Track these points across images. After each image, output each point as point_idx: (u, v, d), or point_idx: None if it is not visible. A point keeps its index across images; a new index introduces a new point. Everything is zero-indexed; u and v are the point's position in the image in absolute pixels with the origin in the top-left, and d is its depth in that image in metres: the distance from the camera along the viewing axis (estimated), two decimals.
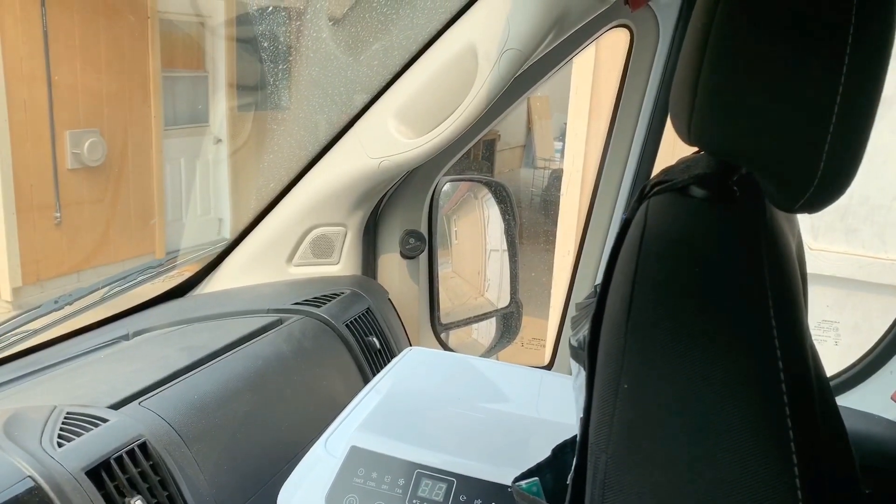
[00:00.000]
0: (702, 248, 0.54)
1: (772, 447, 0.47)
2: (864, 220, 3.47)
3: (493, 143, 9.14)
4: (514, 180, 9.01)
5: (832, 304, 3.48)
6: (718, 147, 0.57)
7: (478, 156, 9.07)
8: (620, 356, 0.52)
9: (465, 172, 4.87)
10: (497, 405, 0.98)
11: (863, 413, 1.30)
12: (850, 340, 3.15)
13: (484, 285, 2.06)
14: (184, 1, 5.06)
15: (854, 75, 0.51)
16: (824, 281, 3.56)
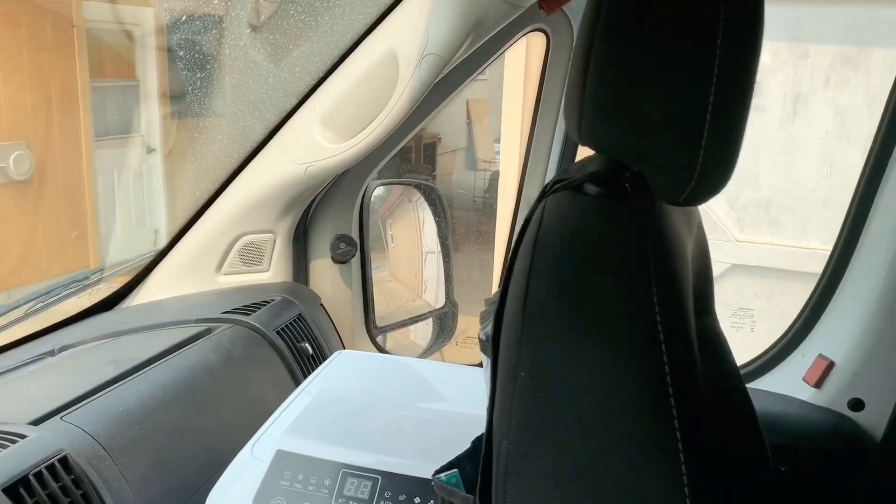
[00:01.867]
0: (592, 242, 0.57)
1: (657, 426, 0.51)
2: (787, 211, 3.61)
3: (434, 146, 9.18)
4: (456, 183, 9.06)
5: (759, 293, 3.62)
6: (605, 146, 0.60)
7: (419, 159, 9.09)
8: (518, 346, 0.54)
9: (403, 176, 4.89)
10: (424, 403, 1.00)
11: (778, 395, 1.37)
12: (779, 327, 3.28)
13: (421, 287, 2.07)
14: (110, 9, 4.95)
15: (724, 78, 0.55)
16: (752, 271, 3.70)
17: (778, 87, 3.55)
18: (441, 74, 1.31)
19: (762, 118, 3.59)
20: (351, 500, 0.82)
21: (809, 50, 3.46)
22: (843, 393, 1.31)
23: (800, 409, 1.34)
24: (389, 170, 1.70)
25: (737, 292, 3.74)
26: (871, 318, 1.28)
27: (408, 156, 9.09)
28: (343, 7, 1.24)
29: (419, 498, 0.81)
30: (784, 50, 3.50)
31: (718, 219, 3.75)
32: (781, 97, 3.55)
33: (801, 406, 1.34)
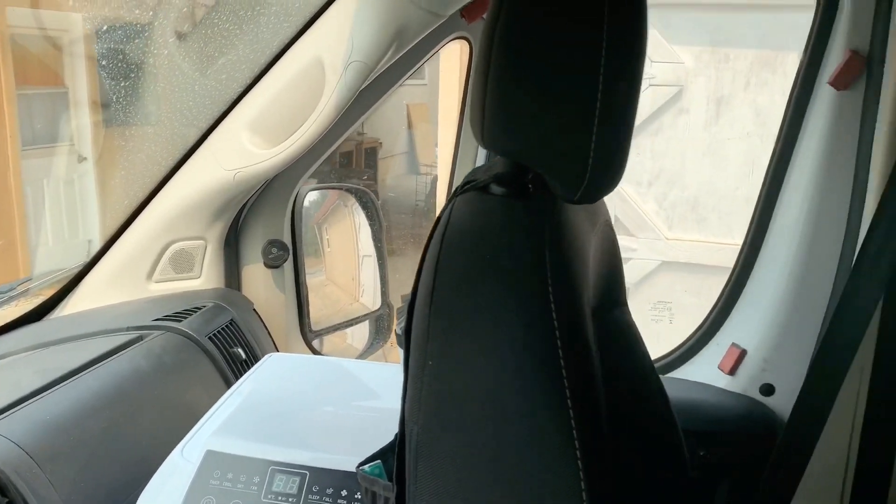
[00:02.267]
0: (493, 238, 0.61)
1: (551, 410, 0.55)
2: (713, 209, 3.76)
3: (375, 151, 9.18)
4: (398, 187, 9.08)
5: (689, 287, 3.76)
6: (506, 150, 0.65)
7: (360, 164, 9.08)
8: (426, 337, 0.58)
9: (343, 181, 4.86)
10: (352, 401, 1.03)
11: (696, 383, 1.44)
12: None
13: (359, 291, 2.09)
14: (36, 16, 4.83)
15: (609, 86, 0.59)
16: (681, 267, 3.83)
17: (701, 91, 3.69)
18: (367, 80, 1.34)
19: (687, 120, 3.73)
20: (280, 495, 0.84)
21: (730, 54, 3.61)
22: (756, 379, 1.39)
23: (716, 396, 1.41)
24: (329, 175, 1.72)
25: (668, 288, 3.87)
26: (778, 307, 1.36)
27: (348, 161, 9.08)
28: (268, 16, 1.26)
29: (346, 490, 0.84)
30: (706, 54, 3.65)
31: (649, 218, 3.88)
32: (705, 100, 3.69)
33: (717, 393, 1.42)
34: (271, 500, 0.84)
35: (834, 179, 1.28)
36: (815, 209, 1.30)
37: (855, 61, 1.22)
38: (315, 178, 1.78)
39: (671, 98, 3.74)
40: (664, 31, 3.68)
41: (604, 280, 0.93)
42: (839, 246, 1.29)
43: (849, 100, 1.25)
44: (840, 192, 1.28)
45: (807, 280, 1.32)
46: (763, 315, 1.39)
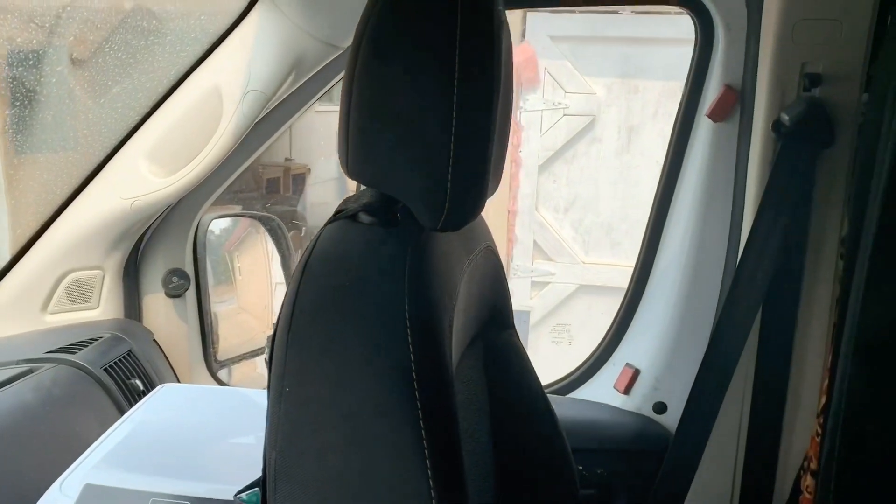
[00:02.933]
0: (353, 265, 0.63)
1: (404, 435, 0.57)
2: (626, 234, 3.88)
3: (304, 178, 9.11)
4: (327, 213, 9.02)
5: (606, 310, 3.85)
6: (369, 180, 0.67)
7: (288, 190, 8.99)
8: (283, 364, 0.59)
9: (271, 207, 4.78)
10: (241, 430, 1.02)
11: (594, 403, 1.49)
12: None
13: (272, 319, 2.07)
14: None
15: (463, 122, 0.62)
16: (598, 291, 3.93)
17: (613, 120, 3.83)
18: (266, 109, 1.35)
19: (600, 148, 3.86)
20: None
21: (639, 85, 3.77)
22: (649, 398, 1.44)
23: (612, 416, 1.46)
24: (254, 201, 1.71)
25: (585, 311, 3.97)
26: (667, 328, 1.42)
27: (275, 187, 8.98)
28: (163, 45, 1.26)
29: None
30: (617, 85, 3.79)
31: (566, 243, 3.98)
32: (616, 129, 3.83)
33: (613, 412, 1.46)
34: None
35: (714, 205, 1.35)
36: (697, 234, 1.37)
37: (729, 95, 1.30)
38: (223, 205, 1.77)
39: (585, 127, 3.87)
40: (577, 63, 3.81)
41: (488, 304, 0.95)
42: (721, 268, 1.37)
43: (725, 131, 1.33)
44: (720, 217, 1.35)
45: (692, 301, 1.39)
46: (654, 336, 1.45)
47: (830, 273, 1.26)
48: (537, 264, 4.00)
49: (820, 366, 1.30)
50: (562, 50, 3.77)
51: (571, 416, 1.42)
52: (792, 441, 1.33)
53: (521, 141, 3.90)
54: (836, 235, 1.24)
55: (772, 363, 1.31)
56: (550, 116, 3.86)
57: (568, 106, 3.83)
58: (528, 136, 3.90)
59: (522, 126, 3.88)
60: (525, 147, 3.91)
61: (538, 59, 3.80)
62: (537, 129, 3.89)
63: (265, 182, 7.65)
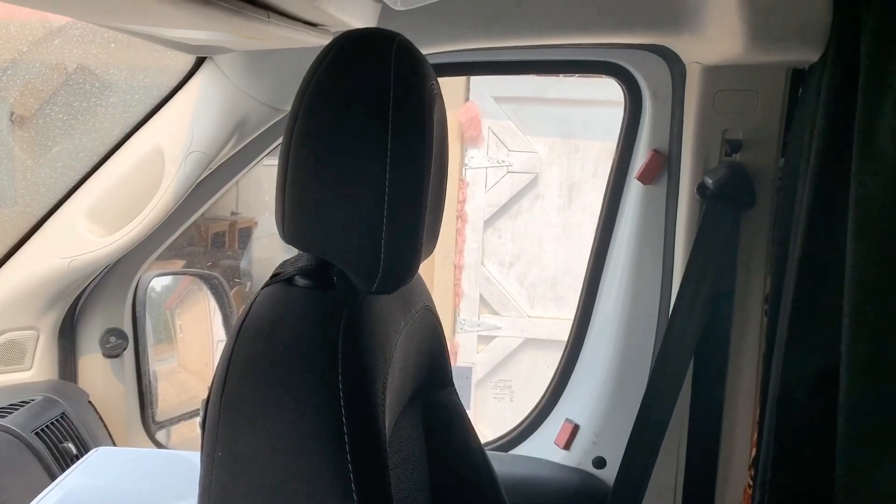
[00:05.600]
0: (287, 328, 0.65)
1: (338, 494, 0.58)
2: (569, 288, 3.95)
3: (251, 231, 9.04)
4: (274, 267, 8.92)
5: (551, 363, 3.89)
6: (306, 245, 0.69)
7: (234, 244, 8.89)
8: (216, 428, 0.60)
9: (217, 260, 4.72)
10: (176, 494, 1.01)
11: (535, 459, 1.50)
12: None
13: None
14: None
15: (395, 192, 0.65)
16: (543, 344, 3.97)
17: (555, 178, 3.94)
18: (209, 169, 1.36)
19: (543, 205, 3.95)
20: None
21: (579, 145, 3.89)
22: (588, 453, 1.46)
23: (552, 471, 1.47)
24: (201, 255, 1.69)
25: (532, 364, 4.00)
26: (605, 383, 1.45)
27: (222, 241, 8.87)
28: (106, 107, 1.27)
29: None
30: (558, 145, 3.91)
31: (511, 297, 4.03)
32: (558, 186, 3.94)
33: (554, 468, 1.48)
34: None
35: (645, 264, 1.40)
36: (630, 291, 1.42)
37: (657, 158, 1.37)
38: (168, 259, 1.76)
39: (528, 184, 3.96)
40: (519, 123, 3.92)
41: (426, 363, 0.97)
42: (654, 323, 1.41)
43: (654, 193, 1.39)
44: (652, 274, 1.40)
45: (628, 356, 1.43)
46: (592, 391, 1.48)
47: (756, 329, 1.32)
48: (483, 318, 4.03)
49: (750, 418, 1.34)
50: (505, 110, 3.89)
51: (512, 472, 1.43)
52: (726, 492, 1.36)
53: (467, 196, 3.97)
54: (761, 293, 1.30)
55: (704, 416, 1.35)
56: (494, 173, 3.95)
57: (511, 164, 3.92)
58: (474, 192, 3.97)
59: (467, 182, 3.96)
60: (470, 202, 3.97)
61: (482, 119, 3.90)
62: (482, 185, 3.97)
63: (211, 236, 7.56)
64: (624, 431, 1.35)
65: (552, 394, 1.56)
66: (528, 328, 4.01)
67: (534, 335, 4.00)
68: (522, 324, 4.02)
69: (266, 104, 1.31)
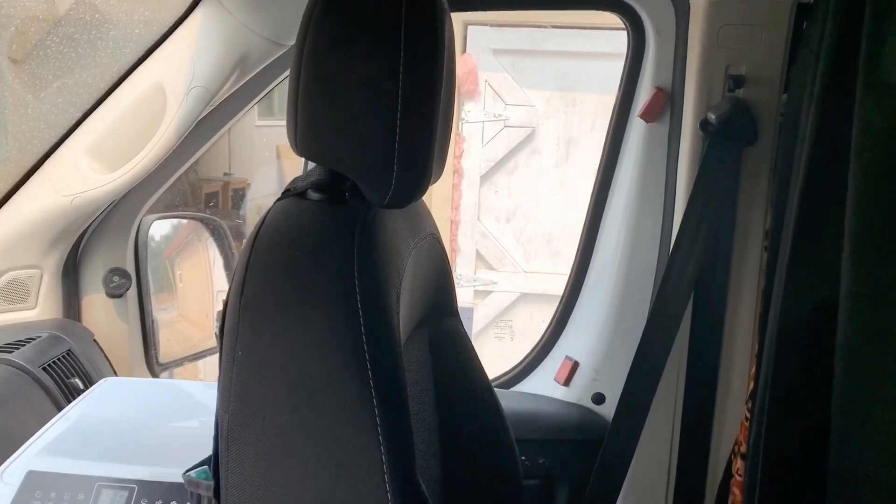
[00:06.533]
0: (304, 236, 0.65)
1: (355, 392, 0.59)
2: (565, 243, 3.97)
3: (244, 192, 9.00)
4: None
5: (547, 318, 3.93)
6: (318, 157, 0.69)
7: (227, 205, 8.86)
8: (235, 330, 0.61)
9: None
10: (185, 417, 1.02)
11: (535, 395, 1.52)
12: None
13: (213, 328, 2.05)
14: None
15: (408, 102, 0.65)
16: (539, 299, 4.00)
17: (552, 132, 3.93)
18: (210, 106, 1.36)
19: (540, 160, 3.95)
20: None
21: (577, 98, 3.87)
22: (587, 389, 1.49)
23: (553, 407, 1.50)
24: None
25: (528, 318, 4.04)
26: (605, 321, 1.47)
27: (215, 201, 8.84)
28: (106, 41, 1.26)
29: (175, 502, 0.84)
30: (556, 98, 3.89)
31: (508, 253, 4.05)
32: (555, 141, 3.93)
33: (554, 404, 1.50)
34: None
35: (647, 202, 1.41)
36: (632, 230, 1.43)
37: (660, 96, 1.37)
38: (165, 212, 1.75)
39: (525, 139, 3.95)
40: (516, 77, 3.89)
41: (433, 290, 0.98)
42: (654, 261, 1.43)
43: (657, 130, 1.39)
44: (653, 213, 1.41)
45: (628, 294, 1.44)
46: (592, 329, 1.50)
47: (756, 265, 1.33)
48: (480, 273, 4.06)
49: (748, 354, 1.36)
50: (502, 63, 3.86)
51: (513, 407, 1.45)
52: (723, 426, 1.39)
53: (463, 151, 3.96)
54: (761, 229, 1.31)
55: (703, 352, 1.37)
56: (491, 128, 3.94)
57: (508, 118, 3.91)
58: (470, 147, 3.96)
59: (464, 137, 3.94)
60: (467, 157, 3.97)
61: (479, 72, 3.87)
62: (478, 140, 3.96)
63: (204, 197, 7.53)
64: (623, 368, 1.37)
65: (553, 332, 1.58)
66: (524, 283, 4.04)
67: (530, 290, 4.03)
68: (518, 279, 4.05)
69: (268, 39, 1.30)
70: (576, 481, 1.43)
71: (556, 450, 1.44)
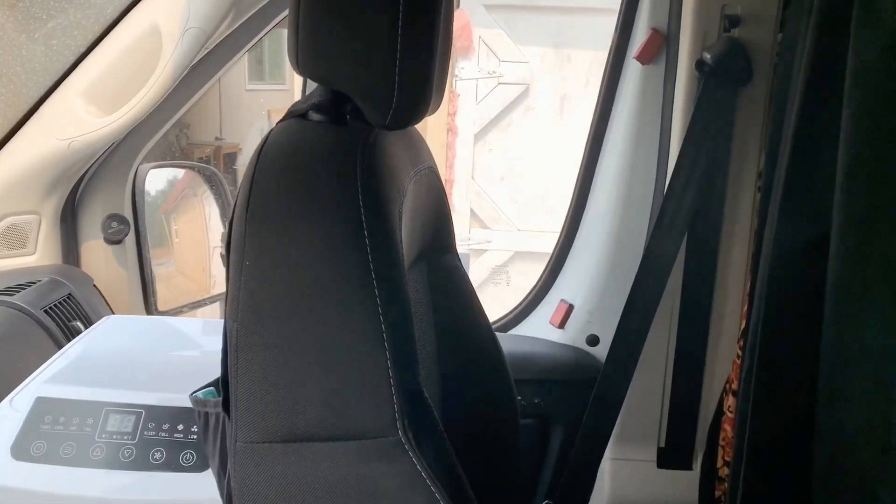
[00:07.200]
0: (308, 153, 0.66)
1: (360, 295, 0.60)
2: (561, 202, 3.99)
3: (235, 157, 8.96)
4: None
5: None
6: (319, 76, 0.70)
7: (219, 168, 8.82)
8: (243, 241, 0.62)
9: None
10: (190, 350, 1.04)
11: (531, 338, 1.55)
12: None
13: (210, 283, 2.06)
14: None
15: (409, 20, 0.65)
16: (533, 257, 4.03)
17: (547, 89, 3.91)
18: (205, 49, 1.35)
19: (534, 117, 3.94)
20: (114, 434, 0.85)
21: (572, 55, 3.86)
22: (582, 331, 1.51)
23: (548, 349, 1.52)
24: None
25: (522, 275, 4.07)
26: (599, 264, 1.49)
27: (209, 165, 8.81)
28: None
29: (182, 425, 0.86)
30: (550, 55, 3.87)
31: (502, 211, 4.06)
32: (550, 98, 3.92)
33: (549, 346, 1.53)
34: (106, 440, 0.85)
35: (642, 143, 1.42)
36: (627, 173, 1.44)
37: (656, 38, 1.37)
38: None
39: (519, 96, 3.94)
40: (510, 33, 3.87)
41: (431, 224, 0.99)
42: (649, 205, 1.44)
43: (652, 72, 1.39)
44: (648, 155, 1.42)
45: (622, 236, 1.46)
46: (587, 271, 1.51)
47: (749, 205, 1.35)
48: (474, 232, 4.08)
49: (740, 293, 1.39)
50: (496, 18, 3.83)
51: (510, 349, 1.46)
52: (715, 365, 1.42)
53: (457, 109, 3.95)
54: (755, 169, 1.33)
55: (696, 291, 1.39)
56: (485, 85, 3.92)
57: (502, 74, 3.89)
58: (464, 105, 3.95)
59: (458, 94, 3.93)
60: (460, 115, 3.96)
61: (472, 28, 3.85)
62: (472, 97, 3.95)
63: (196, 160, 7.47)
64: (617, 310, 1.39)
65: (547, 277, 1.60)
66: (518, 242, 4.06)
67: (524, 248, 4.05)
68: (512, 237, 4.07)
69: None
70: (570, 421, 1.46)
71: (551, 390, 1.47)
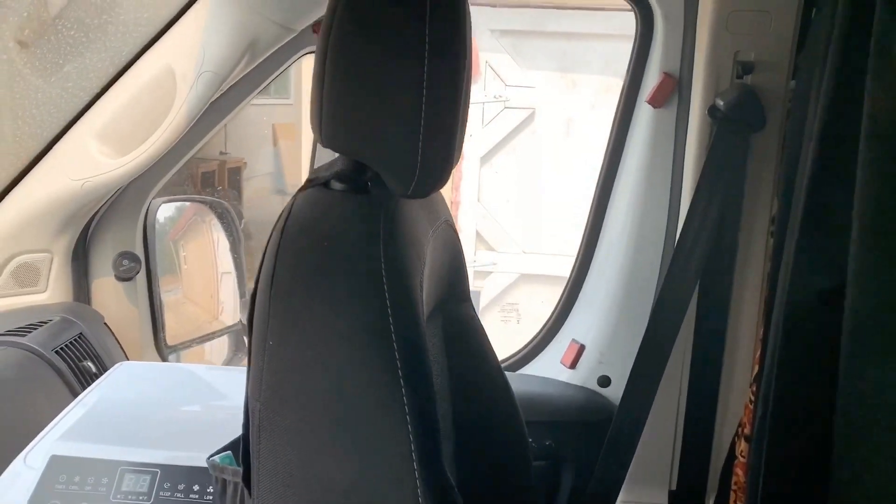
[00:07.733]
0: (332, 226, 0.66)
1: (384, 380, 0.60)
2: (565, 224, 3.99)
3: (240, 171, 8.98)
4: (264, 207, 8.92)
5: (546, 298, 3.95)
6: (343, 148, 0.70)
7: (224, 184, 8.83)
8: (266, 319, 0.62)
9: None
10: (204, 402, 1.04)
11: (542, 378, 1.54)
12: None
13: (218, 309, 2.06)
14: None
15: (433, 92, 0.66)
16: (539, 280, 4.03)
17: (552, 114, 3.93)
18: (219, 91, 1.36)
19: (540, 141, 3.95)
20: (130, 494, 0.85)
21: (577, 79, 3.87)
22: (594, 372, 1.51)
23: (559, 389, 1.52)
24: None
25: (527, 299, 4.07)
26: (611, 305, 1.49)
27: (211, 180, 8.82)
28: (116, 25, 1.26)
29: (198, 486, 0.86)
30: (556, 79, 3.89)
31: (507, 233, 4.06)
32: (556, 122, 3.93)
33: (560, 386, 1.52)
34: (121, 500, 0.84)
35: (654, 187, 1.42)
36: (638, 215, 1.44)
37: (668, 82, 1.38)
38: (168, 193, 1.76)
39: (525, 120, 3.95)
40: (517, 57, 3.88)
41: (447, 276, 0.99)
42: (661, 246, 1.44)
43: (664, 116, 1.40)
44: (659, 198, 1.42)
45: (634, 278, 1.46)
46: (598, 312, 1.51)
47: (762, 250, 1.35)
48: (480, 254, 4.08)
49: (753, 338, 1.38)
50: (503, 44, 3.85)
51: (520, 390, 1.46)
52: (728, 409, 1.41)
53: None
54: (767, 214, 1.33)
55: (708, 336, 1.39)
56: (491, 109, 3.93)
57: (508, 98, 3.90)
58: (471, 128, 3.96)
59: None
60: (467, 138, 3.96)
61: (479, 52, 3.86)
62: (479, 120, 3.96)
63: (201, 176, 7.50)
64: (629, 351, 1.39)
65: (558, 316, 1.60)
66: (523, 264, 4.06)
67: (529, 271, 4.05)
68: (518, 260, 4.07)
69: (277, 23, 1.30)
70: (582, 462, 1.45)
71: (562, 431, 1.46)
